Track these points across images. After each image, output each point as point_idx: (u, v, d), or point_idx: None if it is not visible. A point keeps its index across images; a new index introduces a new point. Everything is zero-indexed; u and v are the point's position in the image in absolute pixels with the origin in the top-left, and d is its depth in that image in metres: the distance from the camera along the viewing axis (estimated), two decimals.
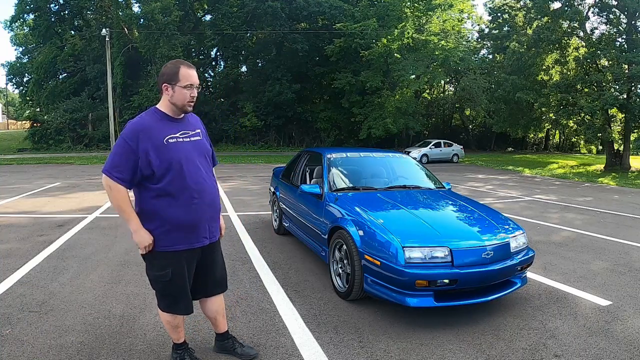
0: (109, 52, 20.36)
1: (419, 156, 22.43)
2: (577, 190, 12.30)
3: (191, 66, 2.26)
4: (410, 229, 3.31)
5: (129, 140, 2.11)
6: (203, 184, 2.26)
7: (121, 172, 2.11)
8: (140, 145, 2.10)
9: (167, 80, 2.19)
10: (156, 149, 2.13)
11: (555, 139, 43.94)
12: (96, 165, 18.15)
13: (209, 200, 2.29)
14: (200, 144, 2.32)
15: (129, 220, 2.17)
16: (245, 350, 2.62)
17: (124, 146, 2.11)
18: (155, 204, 2.19)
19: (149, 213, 2.20)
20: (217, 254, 2.46)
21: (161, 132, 2.17)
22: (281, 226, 5.66)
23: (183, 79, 2.18)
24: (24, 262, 4.40)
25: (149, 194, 2.19)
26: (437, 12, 25.43)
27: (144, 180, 2.17)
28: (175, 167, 2.16)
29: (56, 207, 7.70)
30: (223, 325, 2.63)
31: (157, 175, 2.14)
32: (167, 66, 2.23)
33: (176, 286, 2.27)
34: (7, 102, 61.64)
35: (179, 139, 2.21)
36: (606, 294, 3.78)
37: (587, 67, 21.42)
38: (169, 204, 2.18)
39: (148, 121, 2.18)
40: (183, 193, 2.18)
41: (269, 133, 30.49)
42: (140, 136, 2.11)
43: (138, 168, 2.12)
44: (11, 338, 2.79)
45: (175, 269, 2.24)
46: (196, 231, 2.26)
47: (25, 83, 34.51)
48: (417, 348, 2.78)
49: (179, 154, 2.18)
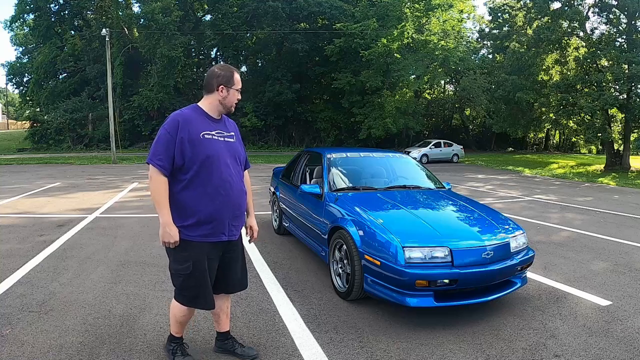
0: (109, 52, 20.34)
1: (419, 156, 22.43)
2: (577, 190, 12.30)
3: (239, 72, 2.46)
4: (410, 229, 3.31)
5: (169, 129, 2.24)
6: (230, 182, 2.33)
7: (162, 160, 2.22)
8: (178, 134, 2.23)
9: (225, 83, 2.33)
10: (191, 141, 2.24)
11: (555, 139, 43.95)
12: (96, 165, 18.16)
13: (233, 198, 2.36)
14: (233, 146, 2.42)
15: (161, 212, 2.24)
16: (245, 351, 2.63)
17: (165, 135, 2.24)
18: (181, 194, 2.27)
19: (175, 203, 2.28)
20: (238, 253, 2.52)
21: (199, 127, 2.28)
22: (281, 226, 5.66)
23: (237, 83, 2.35)
24: (24, 262, 4.40)
25: (177, 185, 2.28)
26: (437, 12, 25.43)
27: (175, 170, 2.26)
28: (205, 162, 2.25)
29: (56, 207, 7.70)
30: (225, 325, 2.65)
31: (187, 167, 2.25)
32: (222, 69, 2.36)
33: (196, 280, 2.31)
34: (7, 102, 61.64)
35: (214, 137, 2.32)
36: (606, 294, 3.78)
37: (587, 67, 21.41)
38: (194, 196, 2.26)
39: (189, 114, 2.31)
40: (208, 187, 2.27)
41: (269, 133, 30.49)
42: (180, 126, 2.24)
43: (174, 155, 2.23)
44: (11, 338, 2.79)
45: (196, 261, 2.29)
46: (217, 226, 2.32)
47: (25, 83, 34.53)
48: (417, 348, 2.78)
49: (211, 150, 2.28)
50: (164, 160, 2.22)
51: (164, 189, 2.24)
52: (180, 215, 2.28)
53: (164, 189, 2.24)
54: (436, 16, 25.77)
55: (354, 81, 26.27)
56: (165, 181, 2.24)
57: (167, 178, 2.25)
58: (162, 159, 2.22)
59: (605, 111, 20.52)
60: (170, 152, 2.22)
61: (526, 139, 39.94)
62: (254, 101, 28.88)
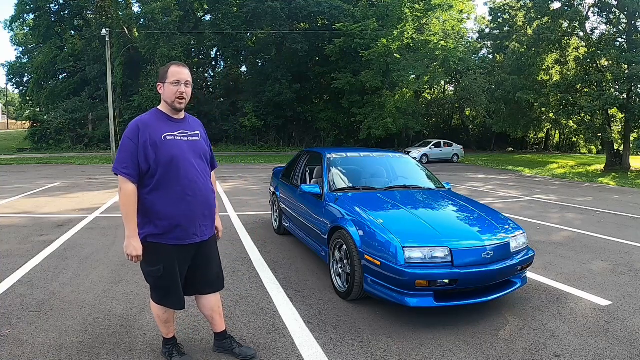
0: (109, 52, 20.34)
1: (419, 156, 22.43)
2: (577, 190, 12.30)
3: (182, 65, 2.36)
4: (410, 229, 3.31)
5: (131, 136, 2.24)
6: (196, 181, 2.33)
7: (127, 168, 2.22)
8: (140, 140, 2.23)
9: (160, 80, 2.35)
10: (154, 144, 2.24)
11: (555, 139, 43.93)
12: (96, 165, 18.16)
13: (201, 198, 2.35)
14: (197, 145, 2.41)
15: (128, 224, 2.24)
16: (244, 350, 2.63)
17: (127, 143, 2.24)
18: (148, 198, 2.27)
19: (143, 208, 2.28)
20: (211, 253, 2.50)
21: (160, 130, 2.28)
22: (281, 226, 5.66)
23: (171, 76, 2.30)
24: (24, 262, 4.40)
25: (144, 190, 2.28)
26: (437, 13, 25.42)
27: (142, 175, 2.27)
28: (169, 163, 2.25)
29: (56, 207, 7.70)
30: (220, 325, 2.65)
31: (152, 170, 2.25)
32: (161, 69, 2.40)
33: (167, 281, 2.34)
34: (7, 102, 61.64)
35: (176, 137, 2.31)
36: (606, 294, 3.78)
37: (587, 67, 21.41)
38: (162, 199, 2.27)
39: (148, 119, 2.32)
40: (175, 188, 2.27)
41: (269, 133, 30.49)
42: (140, 131, 2.24)
43: (138, 162, 2.23)
44: (11, 338, 2.79)
45: (167, 264, 2.31)
46: (187, 228, 2.32)
47: (25, 83, 34.50)
48: (417, 348, 2.78)
49: (175, 151, 2.28)
50: (130, 168, 2.22)
51: (133, 200, 2.24)
52: (150, 219, 2.28)
53: (133, 199, 2.24)
54: (436, 16, 25.78)
55: (354, 81, 26.27)
56: (133, 190, 2.24)
57: (135, 186, 2.24)
58: (127, 167, 2.22)
59: (605, 111, 20.51)
60: (134, 158, 2.22)
61: (526, 139, 39.92)
62: (254, 101, 28.89)
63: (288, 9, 27.87)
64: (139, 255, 2.25)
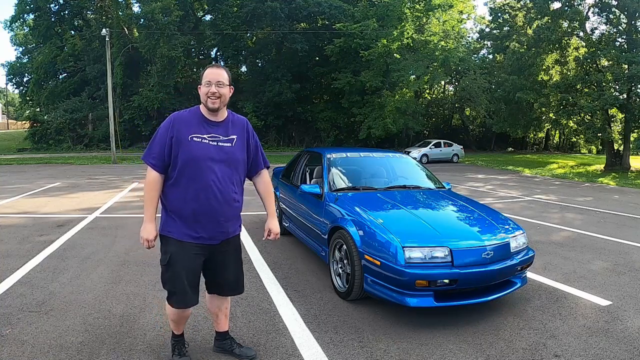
0: (109, 52, 20.34)
1: (419, 156, 22.42)
2: (577, 190, 12.30)
3: (217, 66, 2.39)
4: (410, 229, 3.31)
5: (163, 128, 2.31)
6: (212, 187, 2.28)
7: (154, 158, 2.28)
8: (169, 133, 2.28)
9: (200, 82, 2.36)
10: (178, 141, 2.27)
11: (555, 139, 43.94)
12: (96, 165, 18.16)
13: (215, 204, 2.29)
14: (227, 150, 2.34)
15: (146, 210, 2.31)
16: (244, 351, 2.63)
17: (159, 135, 2.31)
18: (167, 190, 2.33)
19: (164, 197, 2.35)
20: (227, 258, 2.46)
21: (190, 129, 2.30)
22: (281, 226, 5.66)
23: (204, 77, 2.33)
24: (24, 262, 4.40)
25: (167, 181, 2.34)
26: (437, 13, 25.42)
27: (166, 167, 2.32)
28: (187, 163, 2.27)
29: (56, 207, 7.70)
30: (224, 325, 2.66)
31: (172, 165, 2.29)
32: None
33: (171, 275, 2.32)
34: (7, 102, 61.63)
35: (204, 140, 2.30)
36: (606, 294, 3.78)
37: (587, 67, 21.41)
38: (176, 195, 2.31)
39: (185, 115, 2.35)
40: (189, 190, 2.29)
41: (269, 133, 30.49)
42: (173, 125, 2.29)
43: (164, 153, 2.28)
44: (11, 338, 2.79)
45: (174, 256, 2.31)
46: (195, 228, 2.30)
47: (25, 83, 34.50)
48: (417, 348, 2.78)
49: (196, 153, 2.27)
50: (156, 158, 2.27)
51: (155, 188, 2.29)
52: (166, 210, 2.36)
53: (155, 187, 2.29)
54: (436, 16, 25.77)
55: (354, 81, 26.26)
56: (157, 179, 2.29)
57: (160, 175, 2.30)
58: (154, 157, 2.28)
59: (605, 111, 20.51)
60: (162, 149, 2.27)
61: (526, 139, 39.94)
62: (254, 101, 28.88)
63: (288, 9, 27.87)
64: (151, 239, 2.30)
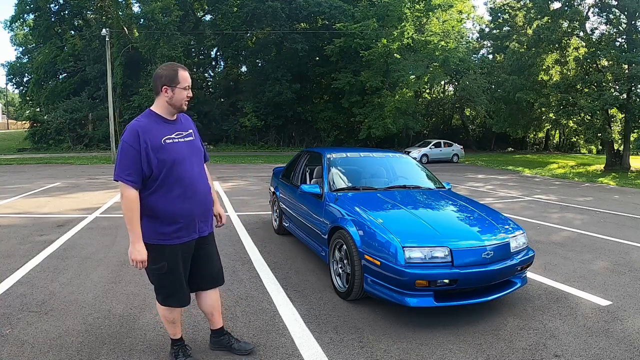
0: (109, 52, 20.34)
1: (419, 156, 22.42)
2: (577, 190, 12.30)
3: (185, 68, 2.38)
4: (410, 229, 3.31)
5: (131, 142, 2.21)
6: (195, 182, 2.37)
7: (130, 175, 2.20)
8: (141, 145, 2.21)
9: (167, 83, 2.28)
10: (154, 148, 2.23)
11: (555, 139, 43.93)
12: (96, 166, 18.15)
13: (200, 196, 2.40)
14: (193, 144, 2.44)
15: (132, 230, 2.24)
16: (242, 345, 2.67)
17: (127, 149, 2.21)
18: (150, 200, 2.28)
19: (145, 209, 2.28)
20: (210, 249, 2.54)
21: (158, 133, 2.28)
22: (281, 226, 5.66)
23: (182, 81, 2.29)
24: (24, 262, 4.40)
25: (145, 192, 2.28)
26: (437, 13, 25.42)
27: (144, 179, 2.26)
28: (171, 166, 2.27)
29: (56, 207, 7.70)
30: (218, 322, 2.68)
31: (155, 174, 2.25)
32: (164, 69, 2.33)
33: (171, 279, 2.37)
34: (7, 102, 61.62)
35: (174, 140, 2.32)
36: (606, 294, 3.78)
37: (587, 67, 21.42)
38: (163, 200, 2.28)
39: (146, 123, 2.29)
40: (176, 189, 2.30)
41: (269, 133, 30.49)
42: (140, 137, 2.21)
43: (142, 167, 2.22)
44: (11, 338, 2.79)
45: (170, 262, 2.33)
46: (187, 226, 2.36)
47: (25, 83, 34.51)
48: (417, 348, 2.78)
49: (175, 154, 2.29)
50: (134, 175, 2.20)
51: (136, 206, 2.22)
52: (151, 220, 2.29)
53: (136, 206, 2.22)
54: (436, 16, 25.77)
55: (354, 81, 26.27)
56: (136, 196, 2.22)
57: (137, 191, 2.23)
58: (130, 174, 2.19)
59: (605, 111, 20.51)
60: (137, 164, 2.20)
61: (526, 139, 39.92)
62: (254, 101, 28.89)
63: (288, 9, 27.87)
64: (144, 260, 2.25)
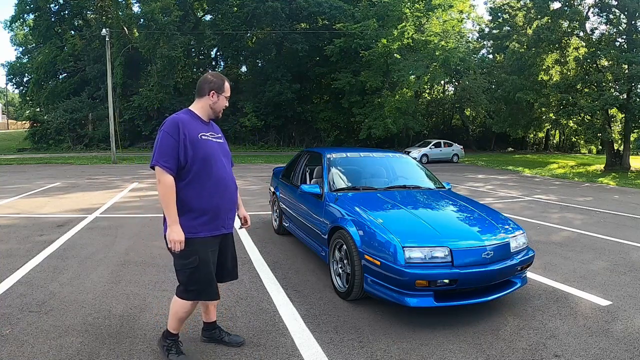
0: (109, 52, 20.34)
1: (419, 156, 22.42)
2: (577, 190, 12.30)
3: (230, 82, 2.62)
4: (410, 229, 3.31)
5: (170, 132, 2.36)
6: (225, 178, 2.52)
7: (168, 162, 2.33)
8: (180, 136, 2.36)
9: (216, 89, 2.50)
10: (191, 141, 2.39)
11: (555, 139, 43.95)
12: (96, 165, 18.16)
13: (229, 193, 2.54)
14: (224, 146, 2.63)
15: (169, 213, 2.34)
16: (233, 338, 2.78)
17: (167, 138, 2.36)
18: (183, 192, 2.39)
19: (178, 200, 2.38)
20: (231, 245, 2.68)
21: (196, 128, 2.45)
22: (281, 226, 5.66)
23: (227, 90, 2.55)
24: (24, 262, 4.40)
25: (180, 183, 2.39)
26: (437, 13, 25.42)
27: (178, 170, 2.39)
28: (204, 160, 2.41)
29: (56, 207, 7.69)
30: (213, 315, 2.79)
31: (189, 165, 2.39)
32: (214, 76, 2.54)
33: (202, 272, 2.44)
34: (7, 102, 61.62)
35: (209, 138, 2.50)
36: (606, 294, 3.78)
37: (587, 67, 21.41)
38: (195, 192, 2.41)
39: (186, 118, 2.46)
40: (208, 183, 2.43)
41: (269, 133, 30.49)
42: (180, 128, 2.37)
43: (178, 156, 2.35)
44: (11, 338, 2.79)
45: (201, 255, 2.42)
46: (217, 220, 2.48)
47: (25, 83, 34.51)
48: (417, 348, 2.78)
49: (209, 150, 2.45)
50: (170, 162, 2.34)
51: (172, 191, 2.35)
52: (183, 213, 2.39)
53: (172, 190, 2.35)
54: (436, 16, 25.77)
55: (354, 81, 26.27)
56: (172, 182, 2.35)
57: (173, 178, 2.36)
58: (167, 161, 2.33)
59: (605, 111, 20.51)
60: (174, 153, 2.34)
61: (526, 139, 39.93)
62: (254, 101, 28.88)
63: (288, 9, 27.87)
64: (182, 240, 2.32)
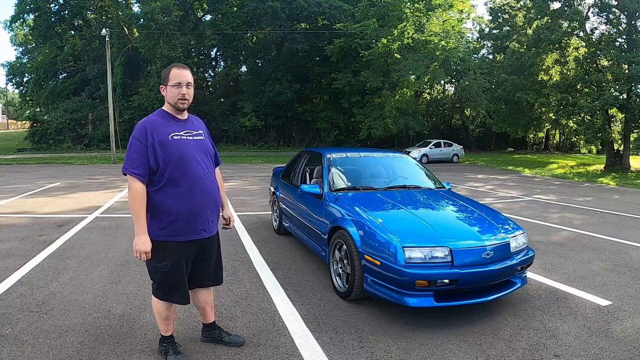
0: (109, 52, 20.34)
1: (419, 156, 22.41)
2: (577, 190, 12.30)
3: (183, 67, 2.43)
4: (410, 229, 3.31)
5: (138, 137, 2.31)
6: (203, 178, 2.41)
7: (137, 168, 2.28)
8: (148, 140, 2.30)
9: (162, 82, 2.43)
10: (161, 143, 2.31)
11: (555, 139, 43.94)
12: (96, 165, 18.15)
13: (207, 194, 2.43)
14: (202, 143, 2.50)
15: (137, 222, 2.29)
16: (233, 338, 2.75)
17: (135, 143, 2.31)
18: (157, 196, 2.33)
19: (151, 205, 2.34)
20: (215, 248, 2.59)
21: (166, 129, 2.36)
22: (281, 226, 5.66)
23: (172, 78, 2.37)
24: (24, 262, 4.40)
25: (152, 188, 2.33)
26: (438, 12, 25.42)
27: (151, 174, 2.32)
28: (177, 161, 2.33)
29: (56, 207, 7.69)
30: (211, 316, 2.76)
31: (161, 168, 2.31)
32: (164, 69, 2.47)
33: (174, 277, 2.39)
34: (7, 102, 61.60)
35: (182, 137, 2.40)
36: (606, 294, 3.78)
37: (587, 67, 21.41)
38: (170, 195, 2.33)
39: (154, 119, 2.39)
40: (183, 185, 2.34)
41: (269, 133, 30.48)
42: (148, 132, 2.31)
43: (148, 161, 2.29)
44: (11, 338, 2.79)
45: (174, 260, 2.36)
46: (195, 223, 2.39)
47: (25, 83, 34.50)
48: (417, 348, 2.78)
49: (182, 150, 2.35)
50: (139, 168, 2.28)
51: (142, 198, 2.29)
52: (158, 216, 2.34)
53: (142, 197, 2.30)
54: (436, 16, 25.77)
55: (354, 81, 26.26)
56: (143, 189, 2.30)
57: (144, 185, 2.30)
58: (137, 167, 2.27)
59: (605, 111, 20.50)
60: (144, 158, 2.28)
61: (526, 139, 39.94)
62: (254, 101, 28.88)
63: (288, 9, 27.87)
64: (148, 252, 2.28)
